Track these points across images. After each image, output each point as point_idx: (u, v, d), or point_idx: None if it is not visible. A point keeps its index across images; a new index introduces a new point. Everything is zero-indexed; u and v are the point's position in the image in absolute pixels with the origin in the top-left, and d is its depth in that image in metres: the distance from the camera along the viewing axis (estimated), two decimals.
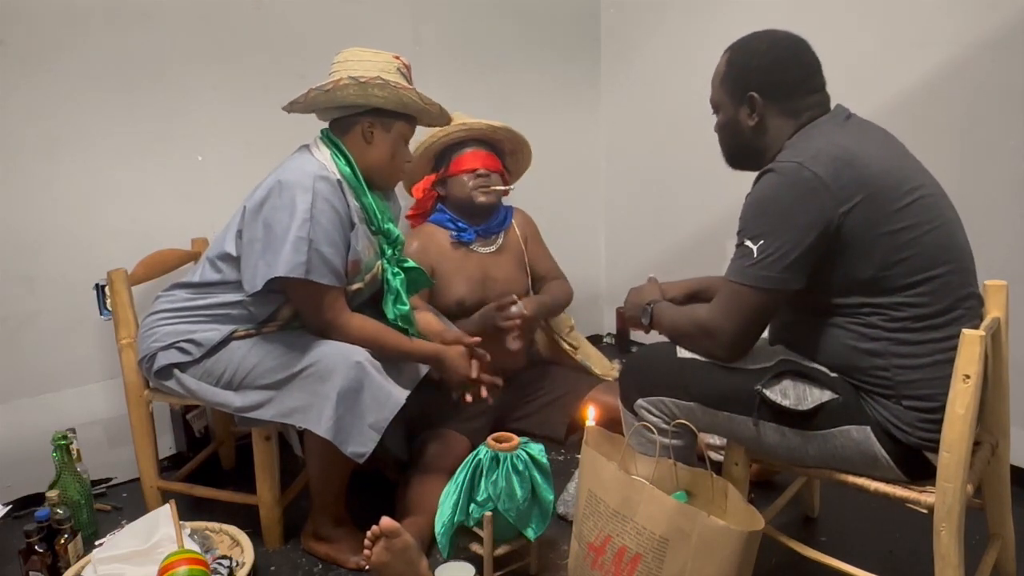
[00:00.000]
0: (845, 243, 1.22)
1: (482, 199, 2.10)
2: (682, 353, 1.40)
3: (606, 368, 2.34)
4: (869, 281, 1.23)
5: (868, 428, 1.25)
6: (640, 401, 1.43)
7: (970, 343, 1.12)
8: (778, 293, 1.26)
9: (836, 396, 1.27)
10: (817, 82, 1.36)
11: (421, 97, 1.65)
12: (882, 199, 1.22)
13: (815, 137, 1.29)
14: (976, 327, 1.23)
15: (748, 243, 1.25)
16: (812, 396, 1.28)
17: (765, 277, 1.24)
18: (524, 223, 2.30)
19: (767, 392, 1.29)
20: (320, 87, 1.58)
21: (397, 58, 1.67)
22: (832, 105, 1.38)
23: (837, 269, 1.24)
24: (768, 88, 1.34)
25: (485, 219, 2.16)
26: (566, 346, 2.33)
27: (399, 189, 1.96)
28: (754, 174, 1.34)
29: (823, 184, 1.21)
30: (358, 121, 1.65)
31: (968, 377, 1.13)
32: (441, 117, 1.77)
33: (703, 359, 1.37)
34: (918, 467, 1.25)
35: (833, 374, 1.30)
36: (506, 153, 2.23)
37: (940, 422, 1.18)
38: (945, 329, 1.23)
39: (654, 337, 1.51)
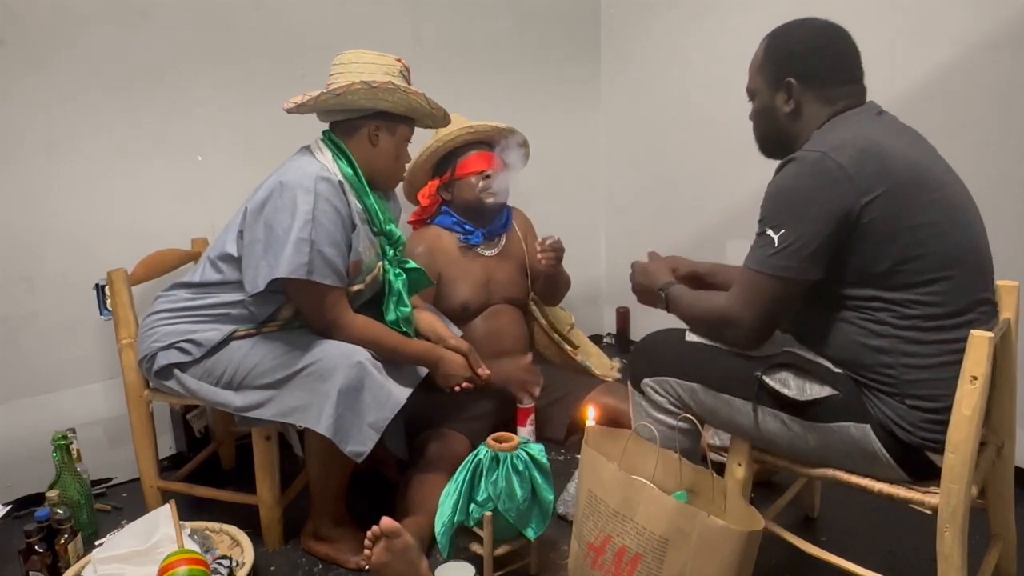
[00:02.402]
0: (864, 233, 1.21)
1: (491, 201, 2.10)
2: (691, 336, 1.41)
3: (606, 368, 2.34)
4: (883, 274, 1.23)
5: (868, 426, 1.25)
6: (647, 380, 1.44)
7: (978, 344, 1.12)
8: (798, 283, 1.25)
9: (836, 392, 1.27)
10: (855, 72, 1.36)
11: (428, 101, 1.66)
12: (904, 193, 1.21)
13: (843, 127, 1.29)
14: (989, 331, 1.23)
15: (769, 232, 1.24)
16: (812, 391, 1.28)
17: (786, 267, 1.23)
18: (523, 223, 2.31)
19: (766, 378, 1.29)
20: (332, 91, 1.58)
21: (399, 61, 1.67)
22: (867, 99, 1.37)
23: (853, 259, 1.24)
24: (805, 74, 1.33)
25: (491, 220, 2.16)
26: (567, 346, 2.32)
27: (398, 194, 1.96)
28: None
29: (846, 174, 1.20)
30: (364, 124, 1.66)
31: (976, 379, 1.12)
32: (443, 120, 1.78)
33: (710, 342, 1.37)
34: (920, 466, 1.25)
35: (837, 369, 1.30)
36: (506, 155, 2.22)
37: (943, 423, 1.18)
38: (956, 331, 1.22)
39: (655, 326, 1.50)
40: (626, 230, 3.02)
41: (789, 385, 1.29)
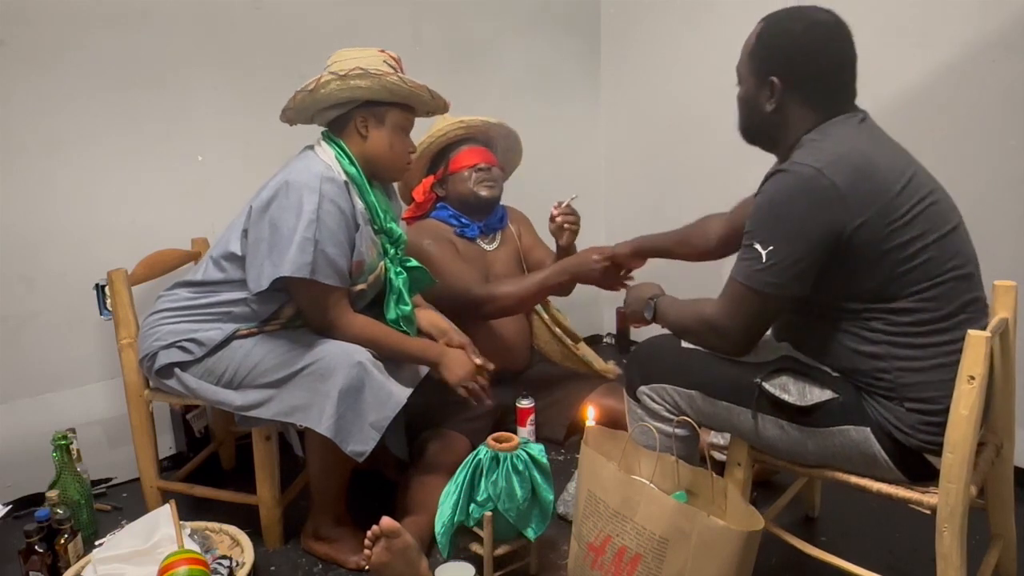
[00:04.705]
0: (854, 255, 1.20)
1: (485, 193, 2.10)
2: (686, 343, 1.41)
3: (604, 365, 2.33)
4: (873, 290, 1.22)
5: (868, 429, 1.25)
6: (643, 388, 1.44)
7: (975, 344, 1.12)
8: (783, 299, 1.25)
9: (836, 396, 1.27)
10: (847, 77, 1.30)
11: (404, 80, 1.62)
12: (894, 210, 1.19)
13: (835, 137, 1.25)
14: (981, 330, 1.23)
15: (757, 246, 1.23)
16: (812, 395, 1.28)
17: (772, 284, 1.23)
18: (518, 220, 2.31)
19: (766, 385, 1.29)
20: (304, 88, 1.58)
21: (383, 51, 1.66)
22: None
23: (842, 277, 1.23)
24: (791, 77, 1.28)
25: (486, 215, 2.17)
26: (568, 341, 2.32)
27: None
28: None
29: (840, 195, 1.18)
30: (351, 117, 1.65)
31: (973, 378, 1.12)
32: (434, 102, 1.72)
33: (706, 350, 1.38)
34: (919, 467, 1.25)
35: (835, 374, 1.30)
36: (499, 151, 2.22)
37: (942, 425, 1.18)
38: (949, 333, 1.22)
39: (654, 331, 1.51)
40: (626, 229, 3.00)
41: (789, 391, 1.28)
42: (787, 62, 1.29)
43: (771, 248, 1.21)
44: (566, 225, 2.05)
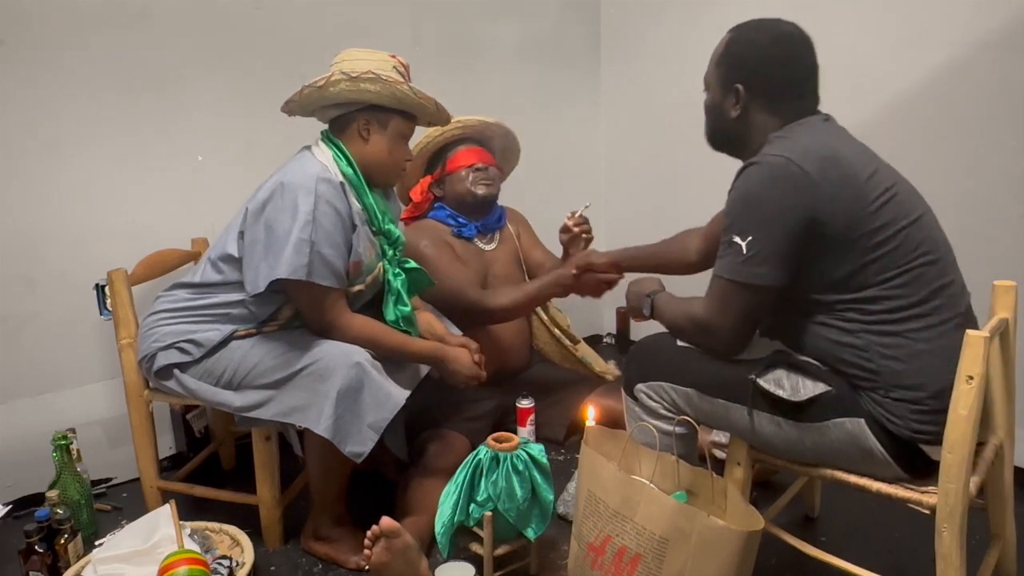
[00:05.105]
0: (827, 241, 1.23)
1: (482, 191, 2.11)
2: (682, 341, 1.41)
3: (604, 366, 2.34)
4: (844, 278, 1.24)
5: (862, 421, 1.25)
6: (640, 386, 1.45)
7: (974, 344, 1.12)
8: (769, 289, 1.26)
9: (830, 388, 1.27)
10: (809, 86, 1.36)
11: (414, 91, 1.63)
12: (863, 197, 1.22)
13: (802, 133, 1.30)
14: (957, 316, 1.24)
15: (737, 239, 1.25)
16: (806, 388, 1.28)
17: (756, 274, 1.24)
18: (516, 220, 2.32)
19: (761, 381, 1.29)
20: (313, 84, 1.58)
21: (393, 56, 1.66)
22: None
23: (815, 267, 1.25)
24: (756, 85, 1.34)
25: (484, 214, 2.17)
26: (567, 342, 2.32)
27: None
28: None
29: (811, 181, 1.21)
30: (354, 119, 1.65)
31: (971, 378, 1.12)
32: (438, 114, 1.74)
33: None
34: (916, 462, 1.25)
35: (825, 367, 1.30)
36: (496, 152, 2.22)
37: (930, 412, 1.19)
38: (924, 319, 1.24)
39: (655, 326, 1.51)
40: (626, 230, 3.01)
41: (783, 386, 1.29)
42: (752, 71, 1.34)
43: (750, 238, 1.23)
44: (583, 235, 2.05)
